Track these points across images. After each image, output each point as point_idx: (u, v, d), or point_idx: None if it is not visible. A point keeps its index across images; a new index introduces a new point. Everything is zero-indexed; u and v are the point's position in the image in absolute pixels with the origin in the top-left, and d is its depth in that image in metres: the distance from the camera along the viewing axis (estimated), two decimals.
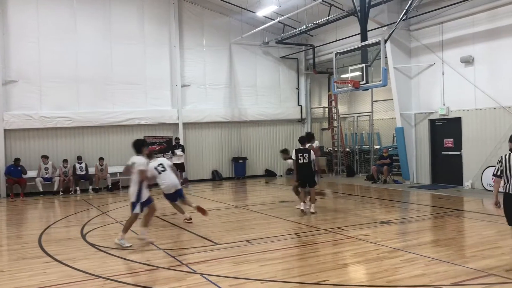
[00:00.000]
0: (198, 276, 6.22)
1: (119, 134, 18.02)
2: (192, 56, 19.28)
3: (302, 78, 21.62)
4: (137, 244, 8.20)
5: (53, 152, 16.82)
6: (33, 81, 16.59)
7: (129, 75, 18.04)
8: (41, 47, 16.67)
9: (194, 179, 19.16)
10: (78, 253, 7.75)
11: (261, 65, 20.74)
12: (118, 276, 6.26)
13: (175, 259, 7.11)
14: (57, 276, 6.46)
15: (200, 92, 19.48)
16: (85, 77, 17.28)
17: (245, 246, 7.85)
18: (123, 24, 17.99)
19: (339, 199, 13.61)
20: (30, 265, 7.08)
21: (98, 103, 17.55)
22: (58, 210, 13.53)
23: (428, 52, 15.41)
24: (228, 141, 20.28)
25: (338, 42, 17.80)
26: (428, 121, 15.71)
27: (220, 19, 19.70)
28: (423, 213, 10.93)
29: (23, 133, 16.58)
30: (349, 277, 6.16)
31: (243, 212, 11.67)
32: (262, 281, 5.90)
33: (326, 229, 8.99)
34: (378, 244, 7.62)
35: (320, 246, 7.79)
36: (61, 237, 9.21)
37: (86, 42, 17.33)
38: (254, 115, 20.47)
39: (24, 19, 16.50)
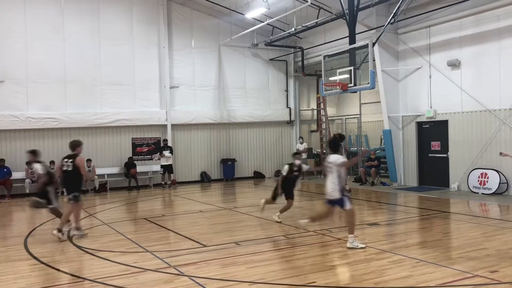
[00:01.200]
0: (186, 278, 6.19)
1: (107, 135, 17.91)
2: (181, 58, 19.23)
3: (291, 80, 21.69)
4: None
5: None
6: (19, 81, 16.42)
7: (117, 76, 17.94)
8: (28, 47, 16.50)
9: (183, 180, 19.10)
10: (65, 255, 7.68)
11: (250, 67, 20.76)
12: (105, 279, 6.21)
13: (162, 261, 7.08)
14: (43, 278, 6.40)
15: (189, 93, 19.44)
16: (72, 78, 17.15)
17: (234, 248, 7.84)
18: (112, 25, 17.89)
19: None
20: (15, 268, 7.00)
21: (86, 104, 17.42)
22: (44, 212, 13.35)
23: (415, 55, 15.57)
24: (217, 142, 20.25)
25: (326, 45, 17.90)
26: (415, 123, 15.85)
27: (209, 20, 19.69)
28: (410, 215, 11.03)
29: (9, 134, 16.40)
30: (336, 279, 6.18)
31: (231, 214, 11.66)
32: (250, 283, 5.90)
33: (314, 231, 9.02)
34: (365, 246, 7.66)
35: (308, 248, 7.80)
36: (47, 239, 9.10)
37: (74, 42, 17.20)
38: (243, 117, 20.48)
39: (11, 19, 16.33)
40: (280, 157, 21.23)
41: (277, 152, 21.38)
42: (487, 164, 13.56)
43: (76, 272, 6.57)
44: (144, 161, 18.49)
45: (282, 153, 21.47)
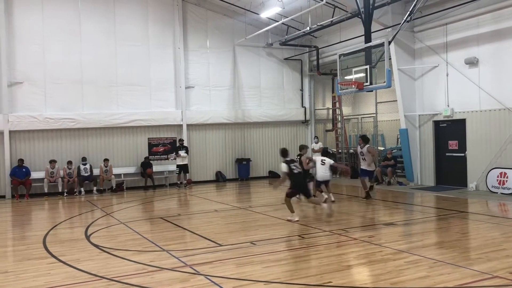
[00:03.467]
0: (202, 277, 6.22)
1: (123, 135, 18.08)
2: (196, 58, 19.32)
3: (306, 80, 21.63)
4: (142, 245, 8.21)
5: (57, 153, 16.90)
6: (38, 82, 16.68)
7: (133, 77, 18.11)
8: (46, 49, 16.75)
9: (198, 180, 19.19)
10: (82, 254, 7.77)
11: (265, 67, 20.76)
12: (122, 277, 6.28)
13: (179, 260, 7.12)
14: (62, 277, 6.48)
15: (204, 93, 19.52)
16: (89, 79, 17.36)
17: (249, 247, 7.85)
18: (127, 26, 18.06)
19: (342, 201, 13.58)
20: (34, 266, 7.11)
21: (103, 104, 17.61)
22: (62, 211, 13.58)
23: (432, 53, 15.38)
24: (231, 142, 20.29)
25: (342, 44, 17.80)
26: (432, 122, 15.67)
27: (224, 20, 19.74)
28: (427, 214, 10.90)
29: (28, 134, 16.66)
30: (353, 279, 6.14)
31: (246, 213, 11.67)
32: (266, 282, 5.90)
33: (330, 231, 8.98)
34: (382, 246, 7.61)
35: (324, 248, 7.77)
36: (66, 238, 9.24)
37: (90, 43, 17.41)
38: (258, 117, 20.49)
39: (30, 22, 16.59)
40: (296, 157, 21.12)
41: (292, 151, 21.24)
42: (506, 163, 13.33)
43: (94, 271, 6.65)
44: (160, 160, 18.62)
45: (297, 152, 21.36)
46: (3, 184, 16.20)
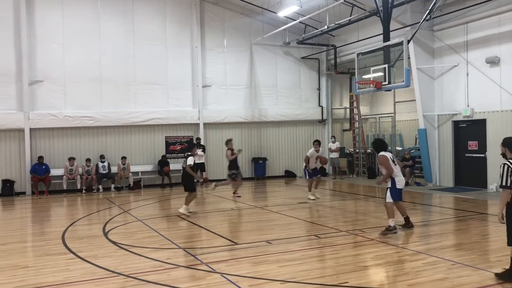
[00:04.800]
0: (217, 275, 6.24)
1: (141, 133, 18.24)
2: (213, 57, 19.38)
3: (323, 79, 21.52)
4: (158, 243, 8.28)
5: (76, 151, 17.12)
6: (57, 81, 16.93)
7: (151, 76, 18.25)
8: (65, 48, 16.99)
9: (214, 179, 19.22)
10: (100, 250, 7.86)
11: (282, 66, 20.72)
12: (138, 274, 6.34)
13: (195, 258, 7.15)
14: (80, 272, 6.57)
15: (221, 92, 19.57)
16: (108, 77, 17.55)
17: (265, 246, 7.85)
18: (146, 25, 18.21)
19: (359, 201, 13.48)
20: (54, 261, 7.22)
21: (121, 103, 17.79)
22: (81, 208, 13.76)
23: (452, 52, 15.16)
24: (248, 141, 20.31)
25: (360, 43, 17.66)
26: (452, 122, 15.44)
27: (241, 19, 19.76)
28: (446, 216, 10.75)
29: (47, 132, 16.91)
30: (369, 280, 6.09)
31: (262, 212, 11.67)
32: (282, 281, 5.89)
33: (346, 231, 8.93)
34: (399, 247, 7.53)
35: (340, 248, 7.72)
36: (84, 235, 9.37)
37: (109, 42, 17.60)
38: (274, 116, 20.47)
39: (50, 21, 16.85)
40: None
41: (305, 151, 21.22)
42: None
43: (111, 267, 6.72)
44: (177, 159, 18.73)
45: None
46: (24, 180, 16.49)
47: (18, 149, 16.49)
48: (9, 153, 16.44)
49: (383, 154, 8.64)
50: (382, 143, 9.20)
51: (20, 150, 16.49)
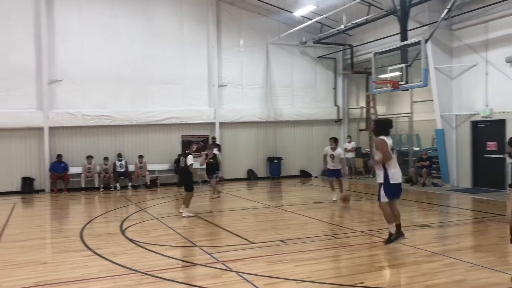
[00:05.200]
0: (233, 274, 6.27)
1: (157, 132, 18.38)
2: (229, 56, 19.44)
3: (339, 78, 21.42)
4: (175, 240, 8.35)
5: (94, 149, 17.33)
6: (76, 80, 17.16)
7: (167, 75, 18.38)
8: (83, 48, 17.21)
9: (230, 178, 19.31)
10: (118, 247, 7.96)
11: (298, 65, 20.69)
12: (155, 271, 6.40)
13: (211, 256, 7.20)
14: (98, 269, 6.66)
15: (237, 92, 19.63)
16: (125, 76, 17.73)
17: (280, 245, 7.86)
18: (163, 24, 18.34)
19: (375, 201, 13.37)
20: (72, 258, 7.33)
21: (138, 102, 17.97)
22: (98, 206, 13.94)
23: (471, 52, 14.95)
24: (263, 141, 20.32)
25: (377, 42, 17.54)
26: (470, 122, 15.24)
27: (258, 19, 19.78)
28: (464, 217, 10.62)
29: (66, 130, 17.16)
30: (385, 280, 6.06)
31: (278, 212, 11.67)
32: (297, 281, 5.89)
33: (362, 231, 8.89)
34: (416, 248, 7.47)
35: (356, 248, 7.69)
36: (102, 232, 9.49)
37: (126, 42, 17.77)
38: (290, 115, 20.45)
39: (69, 20, 17.08)
40: None
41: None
42: None
43: (128, 264, 6.80)
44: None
45: None
46: (43, 178, 16.76)
47: (38, 148, 16.77)
48: (29, 151, 16.73)
49: (382, 138, 7.43)
50: (384, 125, 7.69)
51: (39, 149, 16.76)
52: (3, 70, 16.18)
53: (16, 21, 16.36)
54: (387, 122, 7.80)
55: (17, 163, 16.49)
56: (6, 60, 16.19)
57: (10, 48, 16.27)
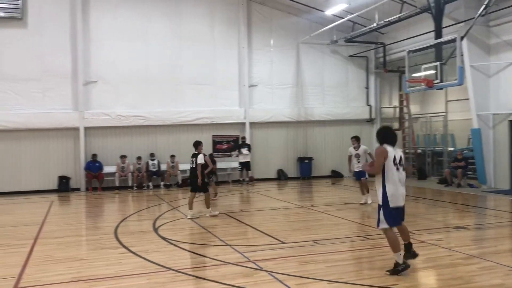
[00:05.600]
0: (265, 273, 6.27)
1: (189, 132, 18.56)
2: (259, 57, 19.48)
3: (371, 77, 21.13)
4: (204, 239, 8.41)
5: (128, 149, 17.67)
6: (110, 81, 17.55)
7: (198, 76, 18.57)
8: (117, 50, 17.58)
9: (260, 178, 19.33)
10: (151, 245, 8.09)
11: (329, 64, 20.53)
12: (188, 269, 6.48)
13: (242, 255, 7.22)
14: (132, 266, 6.79)
15: (267, 92, 19.64)
16: (157, 78, 18.02)
17: (312, 246, 7.81)
18: (193, 26, 18.54)
19: (409, 202, 13.13)
20: (107, 255, 7.50)
21: (170, 102, 18.22)
22: (132, 204, 14.21)
23: (509, 48, 14.47)
24: (293, 140, 20.25)
25: (410, 40, 17.21)
26: (509, 122, 14.74)
27: (288, 19, 19.73)
28: (502, 219, 10.28)
29: (101, 130, 17.57)
30: (420, 282, 5.93)
31: (309, 212, 11.61)
32: (329, 281, 5.84)
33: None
34: (451, 250, 7.28)
35: (388, 249, 7.51)
36: (135, 230, 9.67)
37: (158, 44, 18.06)
38: (321, 115, 20.31)
39: (103, 24, 17.49)
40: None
41: None
42: None
43: (161, 262, 6.90)
44: (223, 157, 18.96)
45: None
46: (78, 177, 17.21)
47: (73, 147, 17.23)
48: (65, 150, 17.21)
49: (383, 146, 6.15)
50: (388, 133, 6.35)
51: (75, 148, 17.23)
52: (40, 72, 16.72)
53: (53, 26, 16.87)
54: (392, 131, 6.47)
55: (54, 162, 17.00)
56: (43, 62, 16.72)
57: (47, 51, 16.80)
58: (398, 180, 6.09)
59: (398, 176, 6.09)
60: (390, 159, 6.07)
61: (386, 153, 6.07)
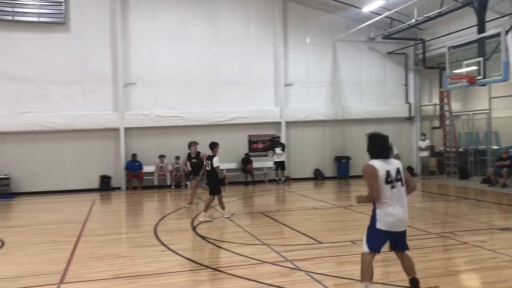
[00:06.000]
0: (302, 273, 6.25)
1: (225, 132, 18.72)
2: (295, 56, 19.40)
3: (410, 74, 20.66)
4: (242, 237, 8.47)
5: (166, 149, 17.98)
6: (149, 83, 17.93)
7: (234, 76, 18.69)
8: (155, 51, 17.93)
9: (296, 177, 19.26)
10: (189, 243, 8.22)
11: (366, 62, 20.21)
12: (226, 268, 6.53)
13: (279, 255, 7.22)
14: (171, 264, 6.91)
15: (303, 91, 19.53)
16: (194, 79, 18.25)
17: (350, 246, 7.72)
18: (230, 27, 18.68)
19: (450, 203, 12.78)
20: (147, 253, 7.67)
21: (206, 103, 18.43)
22: (170, 203, 14.46)
23: None
24: (330, 140, 20.06)
25: (451, 35, 16.69)
26: None
27: (325, 17, 19.56)
28: None
29: (140, 131, 17.96)
30: (463, 285, 5.76)
31: (347, 212, 11.48)
32: None
33: (436, 234, 8.50)
34: (496, 252, 7.03)
35: (429, 250, 7.37)
36: (174, 228, 9.84)
37: (195, 45, 18.28)
38: (358, 113, 20.03)
39: (142, 26, 17.88)
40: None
41: (397, 149, 20.45)
42: None
43: (200, 260, 7.00)
44: (259, 157, 19.01)
45: (401, 151, 20.49)
46: (119, 176, 17.67)
47: (114, 147, 17.71)
48: (106, 150, 17.71)
49: (370, 164, 5.15)
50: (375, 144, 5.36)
51: (115, 148, 17.69)
52: (81, 75, 17.26)
53: (94, 30, 17.38)
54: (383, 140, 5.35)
55: (96, 162, 17.51)
56: (84, 65, 17.26)
57: (88, 55, 17.32)
58: (396, 200, 4.95)
59: (394, 195, 4.94)
60: (381, 177, 4.97)
61: (375, 171, 4.99)
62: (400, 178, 5.03)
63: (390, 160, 5.12)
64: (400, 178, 5.03)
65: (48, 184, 16.98)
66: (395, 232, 5.03)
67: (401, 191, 5.00)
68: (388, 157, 5.14)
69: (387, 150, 5.18)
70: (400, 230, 5.07)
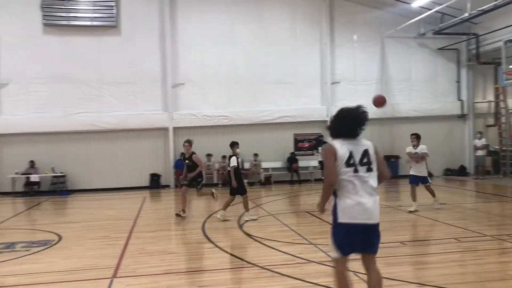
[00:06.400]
0: (349, 273, 6.15)
1: (271, 131, 18.78)
2: (342, 53, 19.17)
3: (463, 70, 19.91)
4: (290, 236, 8.47)
5: (213, 147, 18.26)
6: (197, 83, 18.27)
7: (281, 75, 18.71)
8: (203, 52, 18.25)
9: None
10: (236, 241, 8.30)
11: (416, 58, 19.67)
12: (272, 266, 6.55)
13: (326, 254, 7.15)
14: (218, 261, 7.02)
15: (350, 88, 19.26)
16: (240, 78, 18.45)
17: (399, 247, 7.54)
18: (276, 26, 18.73)
19: (506, 204, 12.20)
20: (195, 249, 7.84)
21: (252, 102, 18.56)
22: (218, 201, 14.63)
23: None
24: (378, 138, 19.58)
25: (507, 29, 15.95)
26: None
27: (372, 13, 19.19)
28: None
29: (188, 130, 18.32)
30: None
31: (396, 212, 11.21)
32: (419, 284, 5.61)
33: (491, 236, 8.15)
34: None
35: (483, 253, 7.08)
36: (221, 226, 9.97)
37: (242, 45, 18.48)
38: (407, 111, 19.52)
39: (190, 28, 18.25)
40: (451, 155, 19.69)
41: (446, 149, 19.81)
42: None
43: (247, 258, 7.06)
44: (305, 156, 18.91)
45: (452, 150, 19.87)
46: (168, 175, 18.12)
47: (163, 146, 18.18)
48: (156, 149, 18.21)
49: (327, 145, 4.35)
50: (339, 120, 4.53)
51: (165, 147, 18.16)
52: (132, 76, 17.84)
53: (143, 32, 17.93)
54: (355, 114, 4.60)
55: (146, 161, 18.05)
56: (134, 67, 17.82)
57: (138, 56, 17.88)
58: (360, 187, 4.16)
59: (358, 181, 4.16)
60: (340, 159, 4.17)
61: (334, 150, 4.19)
62: (367, 162, 4.20)
63: (358, 141, 4.33)
64: (366, 162, 4.20)
65: (101, 181, 17.68)
66: (362, 224, 4.15)
67: (367, 177, 4.18)
68: (354, 136, 4.32)
69: (354, 128, 4.35)
70: (369, 222, 4.16)
